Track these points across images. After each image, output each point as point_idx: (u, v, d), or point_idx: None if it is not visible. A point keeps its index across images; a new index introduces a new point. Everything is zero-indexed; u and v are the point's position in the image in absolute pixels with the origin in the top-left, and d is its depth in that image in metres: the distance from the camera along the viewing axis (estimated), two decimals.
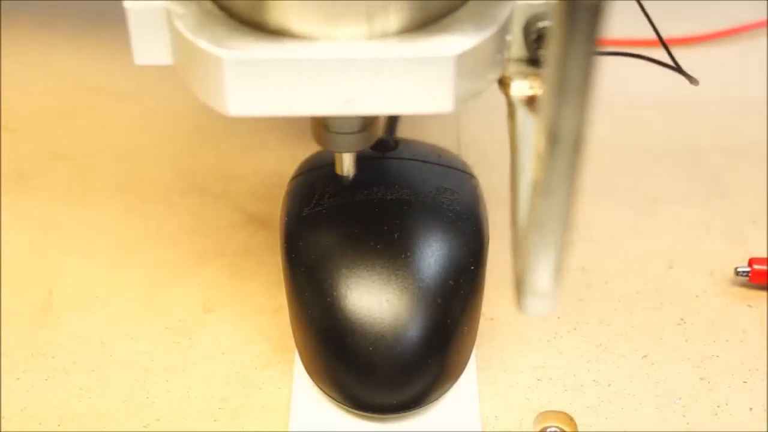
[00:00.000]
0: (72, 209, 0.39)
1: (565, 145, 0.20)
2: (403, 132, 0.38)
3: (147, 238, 0.37)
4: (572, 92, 0.19)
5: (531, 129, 0.24)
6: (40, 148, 0.42)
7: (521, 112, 0.24)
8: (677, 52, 0.33)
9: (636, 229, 0.37)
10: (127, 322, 0.33)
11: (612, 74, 0.32)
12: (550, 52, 0.19)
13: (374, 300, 0.28)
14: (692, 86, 0.33)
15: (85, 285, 0.35)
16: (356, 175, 0.32)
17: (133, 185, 0.40)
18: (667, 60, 0.32)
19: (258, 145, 0.42)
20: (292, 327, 0.31)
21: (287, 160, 0.37)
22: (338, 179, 0.31)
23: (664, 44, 0.32)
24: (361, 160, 0.33)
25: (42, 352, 0.32)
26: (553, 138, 0.20)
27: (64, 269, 0.36)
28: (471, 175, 0.34)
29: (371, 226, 0.30)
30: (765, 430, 0.29)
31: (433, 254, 0.29)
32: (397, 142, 0.34)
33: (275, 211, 0.36)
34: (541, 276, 0.22)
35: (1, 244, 0.37)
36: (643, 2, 0.33)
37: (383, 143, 0.34)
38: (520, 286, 0.23)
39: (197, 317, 0.33)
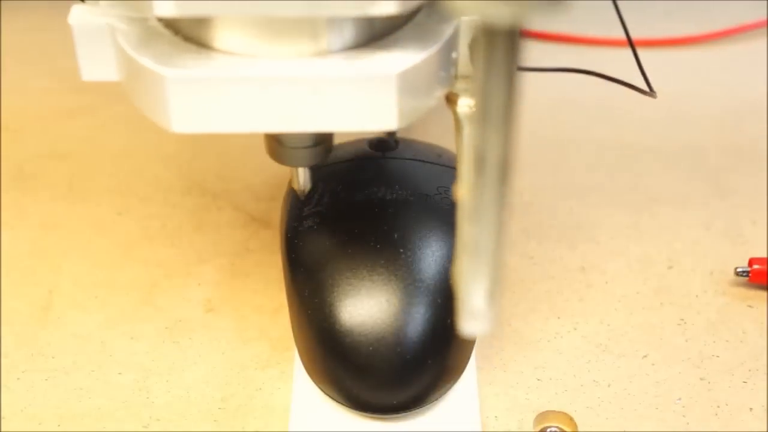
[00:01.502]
0: (72, 209, 0.39)
1: (491, 171, 0.20)
2: (403, 132, 0.38)
3: (147, 238, 0.37)
4: (495, 117, 0.19)
5: None
6: (40, 148, 0.42)
7: (466, 130, 0.24)
8: (677, 52, 0.33)
9: (636, 229, 0.37)
10: (127, 322, 0.33)
11: (612, 74, 0.32)
12: (475, 77, 0.19)
13: (374, 300, 0.28)
14: (692, 86, 0.33)
15: (85, 285, 0.35)
16: (356, 175, 0.32)
17: (133, 185, 0.40)
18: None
19: (258, 144, 0.42)
20: (292, 327, 0.31)
21: None
22: (347, 182, 0.31)
23: (634, 50, 0.32)
24: (361, 160, 0.33)
25: (42, 352, 0.32)
26: (479, 163, 0.20)
27: (64, 269, 0.36)
28: None
29: (371, 226, 0.30)
30: (765, 430, 0.29)
31: (433, 254, 0.29)
32: (397, 142, 0.34)
33: (275, 211, 0.36)
34: (475, 297, 0.22)
35: (1, 244, 0.37)
36: (645, 2, 0.33)
37: (383, 143, 0.34)
38: (459, 306, 0.23)
39: (197, 317, 0.33)
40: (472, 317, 0.22)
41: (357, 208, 0.31)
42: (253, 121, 0.23)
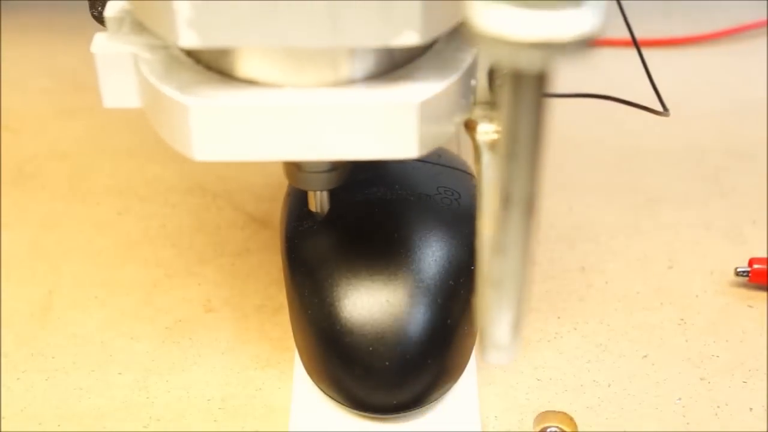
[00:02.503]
0: (72, 209, 0.39)
1: (517, 207, 0.20)
2: None
3: (147, 238, 0.37)
4: (522, 154, 0.19)
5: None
6: (40, 148, 0.42)
7: (486, 157, 0.24)
8: (677, 52, 0.33)
9: (636, 229, 0.37)
10: (127, 322, 0.33)
11: (612, 74, 0.32)
12: (501, 116, 0.19)
13: (374, 300, 0.28)
14: (692, 87, 0.33)
15: (85, 285, 0.35)
16: (356, 175, 0.32)
17: (133, 185, 0.40)
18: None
19: None
20: (292, 327, 0.31)
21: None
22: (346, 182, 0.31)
23: (643, 60, 0.32)
24: (361, 160, 0.33)
25: (42, 352, 0.32)
26: (505, 199, 0.20)
27: (64, 269, 0.36)
28: (471, 175, 0.34)
29: (371, 226, 0.30)
30: (765, 430, 0.29)
31: (433, 254, 0.29)
32: None
33: (275, 211, 0.36)
34: (500, 331, 0.22)
35: (1, 244, 0.37)
36: (644, 2, 0.33)
37: None
38: (481, 337, 0.23)
39: (197, 317, 0.33)
40: (496, 349, 0.23)
41: (357, 208, 0.31)
42: (274, 149, 0.23)
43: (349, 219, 0.30)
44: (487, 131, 0.25)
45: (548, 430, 0.29)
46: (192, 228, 0.38)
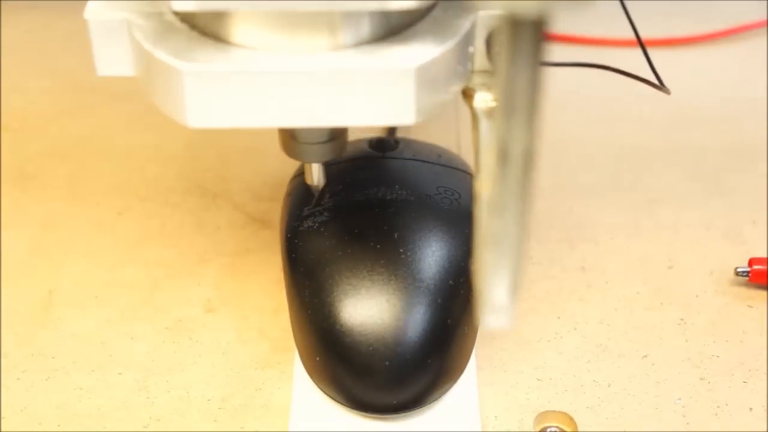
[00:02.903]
0: (72, 209, 0.39)
1: (515, 163, 0.20)
2: (403, 132, 0.38)
3: (147, 238, 0.37)
4: (519, 109, 0.19)
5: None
6: (40, 148, 0.42)
7: (484, 125, 0.24)
8: (677, 52, 0.33)
9: (636, 229, 0.37)
10: (127, 322, 0.33)
11: (610, 73, 0.32)
12: (497, 69, 0.19)
13: (374, 300, 0.28)
14: (692, 86, 0.33)
15: (85, 285, 0.35)
16: (356, 175, 0.32)
17: (133, 185, 0.40)
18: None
19: (258, 144, 0.42)
20: (292, 327, 0.31)
21: (287, 160, 0.37)
22: (346, 182, 0.31)
23: (644, 48, 0.32)
24: (361, 160, 0.33)
25: (42, 352, 0.32)
26: (502, 156, 0.20)
27: (64, 269, 0.36)
28: (471, 175, 0.34)
29: (371, 226, 0.30)
30: (765, 430, 0.29)
31: (433, 254, 0.29)
32: (397, 142, 0.34)
33: (275, 211, 0.36)
34: (498, 292, 0.22)
35: (1, 244, 0.37)
36: (644, 2, 0.33)
37: (384, 143, 0.34)
38: (479, 301, 0.23)
39: (197, 317, 0.33)
40: (494, 312, 0.22)
41: (357, 208, 0.31)
42: (270, 115, 0.23)
43: (349, 219, 0.30)
44: (485, 99, 0.25)
45: (548, 430, 0.29)
46: (192, 228, 0.38)
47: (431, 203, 0.31)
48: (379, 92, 0.23)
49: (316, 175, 0.30)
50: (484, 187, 0.22)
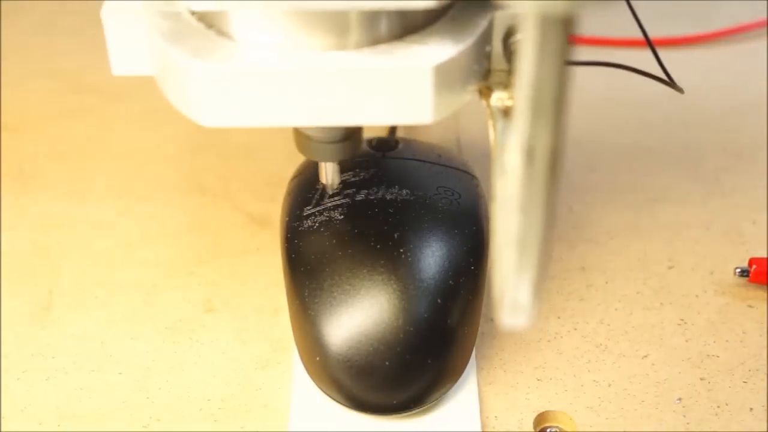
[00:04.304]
0: (72, 209, 0.39)
1: (541, 163, 0.20)
2: (403, 132, 0.38)
3: (147, 238, 0.37)
4: (546, 109, 0.19)
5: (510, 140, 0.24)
6: (40, 148, 0.42)
7: (500, 123, 0.24)
8: (677, 52, 0.33)
9: (636, 229, 0.37)
10: (127, 322, 0.33)
11: (612, 73, 0.32)
12: (521, 67, 0.19)
13: (374, 300, 0.28)
14: (693, 86, 0.33)
15: (85, 285, 0.35)
16: (356, 175, 0.32)
17: (133, 185, 0.40)
18: (652, 67, 0.31)
19: (258, 144, 0.42)
20: (292, 327, 0.31)
21: (287, 160, 0.37)
22: (346, 182, 0.31)
23: (654, 50, 0.32)
24: (361, 160, 0.33)
25: (42, 352, 0.32)
26: (527, 155, 0.19)
27: (64, 269, 0.36)
28: (471, 175, 0.34)
29: (371, 226, 0.30)
30: (765, 430, 0.29)
31: (433, 254, 0.29)
32: (397, 142, 0.34)
33: (275, 211, 0.36)
34: (520, 291, 0.22)
35: (1, 244, 0.37)
36: (644, 2, 0.33)
37: (383, 143, 0.34)
38: (499, 300, 0.23)
39: (197, 317, 0.33)
40: (515, 311, 0.22)
41: (357, 208, 0.31)
42: (286, 114, 0.23)
43: (349, 219, 0.30)
44: (502, 98, 0.25)
45: (548, 430, 0.29)
46: (192, 228, 0.38)
47: (431, 203, 0.31)
48: (396, 91, 0.23)
49: (330, 174, 0.30)
50: (504, 186, 0.22)
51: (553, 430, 0.29)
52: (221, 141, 0.42)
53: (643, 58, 0.33)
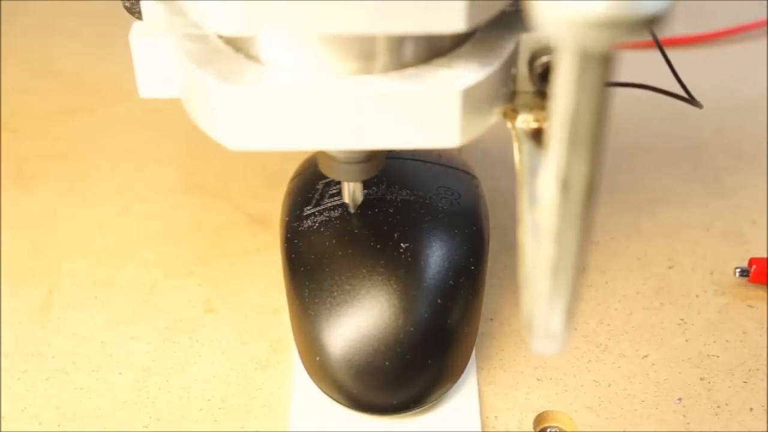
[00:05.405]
0: (72, 209, 0.39)
1: (576, 193, 0.19)
2: None
3: (147, 238, 0.37)
4: (583, 141, 0.19)
5: (537, 163, 0.24)
6: (40, 148, 0.42)
7: (527, 146, 0.24)
8: (677, 53, 0.33)
9: (636, 229, 0.37)
10: (127, 322, 0.33)
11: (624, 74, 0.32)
12: (556, 101, 0.18)
13: (374, 300, 0.28)
14: (692, 86, 0.33)
15: (85, 285, 0.35)
16: None
17: (133, 185, 0.40)
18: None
19: None
20: (292, 327, 0.31)
21: (287, 160, 0.37)
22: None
23: (670, 64, 0.32)
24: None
25: (42, 352, 0.32)
26: (563, 186, 0.19)
27: (64, 269, 0.36)
28: (471, 175, 0.34)
29: (371, 226, 0.30)
30: (765, 430, 0.29)
31: (433, 254, 0.29)
32: None
33: (275, 211, 0.36)
34: (553, 318, 0.22)
35: (1, 244, 0.37)
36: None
37: None
38: (530, 326, 0.22)
39: (197, 317, 0.33)
40: (547, 337, 0.22)
41: (357, 208, 0.31)
42: (314, 138, 0.23)
43: (349, 219, 0.30)
44: (527, 120, 0.25)
45: (548, 430, 0.29)
46: (192, 228, 0.38)
47: (431, 203, 0.31)
48: (424, 115, 0.23)
49: (354, 193, 0.30)
50: (538, 215, 0.22)
51: (553, 430, 0.29)
52: None
53: (650, 59, 0.33)
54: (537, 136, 0.24)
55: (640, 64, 0.34)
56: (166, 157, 0.42)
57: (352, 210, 0.31)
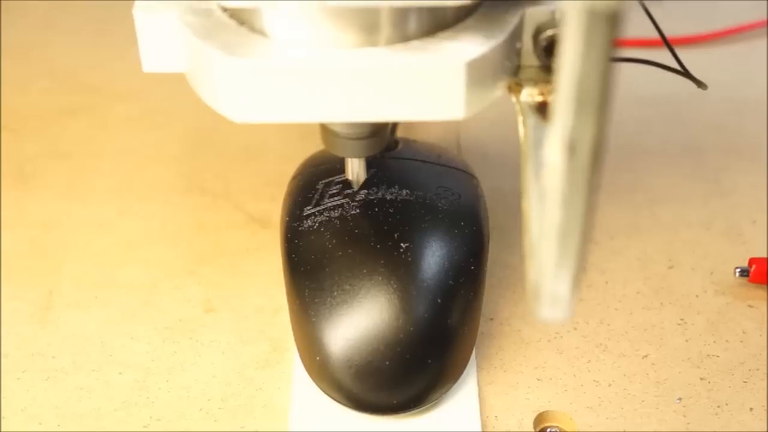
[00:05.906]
0: (72, 209, 0.39)
1: (583, 156, 0.19)
2: (403, 132, 0.38)
3: (147, 238, 0.37)
4: (590, 103, 0.19)
5: (542, 136, 0.24)
6: (40, 148, 0.42)
7: (531, 119, 0.24)
8: (678, 53, 0.33)
9: (636, 229, 0.37)
10: (127, 322, 0.33)
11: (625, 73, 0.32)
12: (563, 62, 0.19)
13: (374, 300, 0.28)
14: (693, 86, 0.33)
15: (85, 285, 0.35)
16: None
17: (133, 185, 0.40)
18: (674, 64, 0.31)
19: (258, 144, 0.42)
20: (292, 327, 0.31)
21: (287, 160, 0.37)
22: (346, 182, 0.31)
23: (671, 49, 0.32)
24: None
25: (42, 352, 0.32)
26: (570, 149, 0.19)
27: (64, 269, 0.36)
28: (471, 175, 0.34)
29: (371, 226, 0.30)
30: (765, 430, 0.29)
31: (433, 254, 0.29)
32: (397, 142, 0.34)
33: (275, 211, 0.36)
34: (561, 283, 0.22)
35: (1, 244, 0.37)
36: (644, 2, 0.33)
37: None
38: (537, 293, 0.23)
39: (197, 317, 0.33)
40: (554, 304, 0.22)
41: (357, 208, 0.31)
42: (318, 110, 0.23)
43: (349, 219, 0.30)
44: (532, 94, 0.25)
45: (548, 430, 0.29)
46: (192, 228, 0.38)
47: (431, 203, 0.31)
48: (428, 87, 0.23)
49: (356, 170, 0.30)
50: (544, 180, 0.22)
51: (553, 430, 0.29)
52: (221, 141, 0.42)
53: (650, 57, 0.33)
54: (542, 109, 0.24)
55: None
56: (166, 157, 0.42)
57: (355, 188, 0.31)
